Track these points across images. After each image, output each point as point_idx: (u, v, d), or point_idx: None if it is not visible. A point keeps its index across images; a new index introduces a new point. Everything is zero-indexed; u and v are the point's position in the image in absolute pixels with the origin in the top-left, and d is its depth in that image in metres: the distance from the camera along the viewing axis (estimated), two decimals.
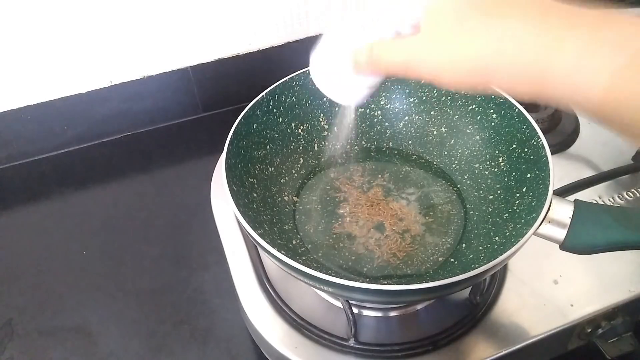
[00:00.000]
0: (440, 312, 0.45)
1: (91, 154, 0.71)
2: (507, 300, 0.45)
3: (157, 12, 0.63)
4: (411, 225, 0.48)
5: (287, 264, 0.36)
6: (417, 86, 0.53)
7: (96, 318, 0.54)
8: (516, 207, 0.44)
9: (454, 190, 0.51)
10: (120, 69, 0.67)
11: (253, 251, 0.49)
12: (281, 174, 0.51)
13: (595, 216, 0.39)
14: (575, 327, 0.44)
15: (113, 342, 0.52)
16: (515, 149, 0.47)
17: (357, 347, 0.42)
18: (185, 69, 0.70)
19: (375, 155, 0.55)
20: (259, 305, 0.46)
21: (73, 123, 0.70)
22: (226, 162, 0.43)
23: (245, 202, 0.44)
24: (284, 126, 0.51)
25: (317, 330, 0.43)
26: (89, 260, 0.59)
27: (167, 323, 0.53)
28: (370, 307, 0.46)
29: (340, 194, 0.51)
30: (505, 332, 0.43)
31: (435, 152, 0.53)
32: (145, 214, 0.64)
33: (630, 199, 0.53)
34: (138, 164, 0.70)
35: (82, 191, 0.67)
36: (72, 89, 0.67)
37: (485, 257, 0.41)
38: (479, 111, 0.50)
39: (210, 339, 0.52)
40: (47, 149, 0.71)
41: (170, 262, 0.58)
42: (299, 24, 0.70)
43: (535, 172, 0.43)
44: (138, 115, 0.72)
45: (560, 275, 0.47)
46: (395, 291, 0.35)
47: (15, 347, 0.52)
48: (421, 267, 0.45)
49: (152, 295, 0.55)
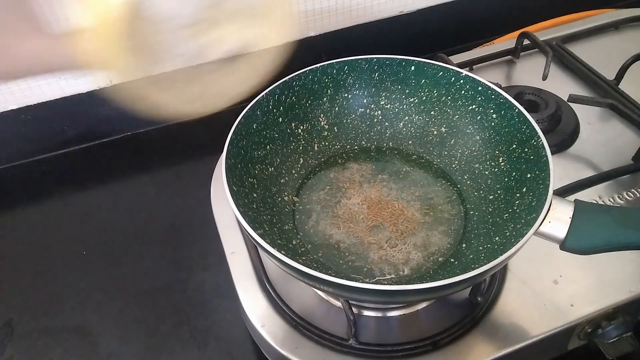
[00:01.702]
0: (441, 312, 0.45)
1: (91, 154, 0.71)
2: (507, 300, 0.45)
3: None
4: (411, 225, 0.48)
5: (287, 264, 0.36)
6: (417, 86, 0.53)
7: (96, 318, 0.54)
8: (516, 207, 0.44)
9: (454, 190, 0.51)
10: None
11: (253, 251, 0.49)
12: (281, 174, 0.51)
13: (595, 216, 0.39)
14: (575, 327, 0.44)
15: (113, 342, 0.52)
16: (515, 149, 0.47)
17: (357, 347, 0.42)
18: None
19: (375, 155, 0.55)
20: (259, 305, 0.46)
21: (73, 123, 0.70)
22: (226, 162, 0.43)
23: (245, 202, 0.44)
24: (284, 126, 0.51)
25: (317, 330, 0.43)
26: (89, 260, 0.59)
27: (167, 323, 0.53)
28: (370, 307, 0.46)
29: (340, 194, 0.51)
30: (505, 332, 0.43)
31: (435, 152, 0.53)
32: (145, 214, 0.64)
33: (630, 199, 0.53)
34: (138, 164, 0.70)
35: (82, 191, 0.67)
36: (72, 89, 0.67)
37: (486, 257, 0.41)
38: (479, 111, 0.50)
39: (210, 339, 0.52)
40: (47, 149, 0.71)
41: (170, 262, 0.58)
42: (298, 25, 0.70)
43: (535, 172, 0.43)
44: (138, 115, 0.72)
45: (560, 275, 0.47)
46: (395, 291, 0.35)
47: (15, 347, 0.52)
48: (421, 267, 0.45)
49: (152, 295, 0.55)
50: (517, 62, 0.71)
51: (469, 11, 0.81)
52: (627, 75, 0.64)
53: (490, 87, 0.49)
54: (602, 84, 0.65)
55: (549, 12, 0.79)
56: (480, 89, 0.50)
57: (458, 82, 0.51)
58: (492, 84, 0.49)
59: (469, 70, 0.68)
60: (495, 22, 0.83)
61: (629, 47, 0.68)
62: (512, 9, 0.83)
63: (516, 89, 0.63)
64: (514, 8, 0.83)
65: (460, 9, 0.80)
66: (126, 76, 0.35)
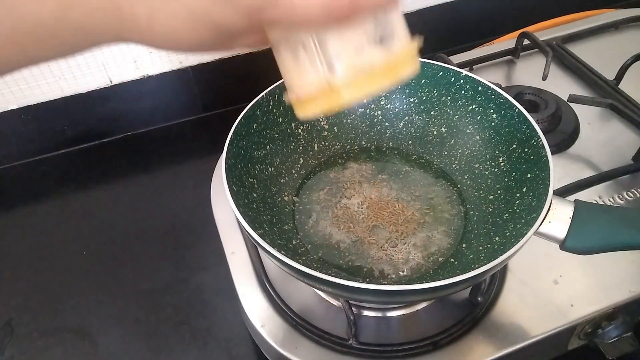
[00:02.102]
0: (441, 312, 0.45)
1: (91, 154, 0.71)
2: (507, 300, 0.45)
3: None
4: (411, 225, 0.48)
5: (287, 264, 0.36)
6: (417, 86, 0.53)
7: (96, 318, 0.54)
8: (516, 207, 0.44)
9: (454, 190, 0.51)
10: (120, 69, 0.67)
11: (253, 251, 0.49)
12: (281, 174, 0.51)
13: (595, 216, 0.39)
14: (575, 327, 0.44)
15: (113, 343, 0.52)
16: (515, 149, 0.47)
17: (357, 347, 0.42)
18: (186, 69, 0.70)
19: (375, 155, 0.55)
20: (259, 305, 0.46)
21: (73, 123, 0.70)
22: (226, 162, 0.43)
23: (245, 202, 0.44)
24: (284, 126, 0.51)
25: (317, 330, 0.43)
26: (89, 260, 0.59)
27: (167, 323, 0.53)
28: (370, 307, 0.46)
29: (340, 194, 0.51)
30: (505, 332, 0.43)
31: (435, 152, 0.53)
32: (145, 214, 0.64)
33: (630, 199, 0.53)
34: (138, 164, 0.70)
35: (82, 191, 0.67)
36: (72, 89, 0.67)
37: (486, 257, 0.41)
38: (479, 111, 0.50)
39: (210, 339, 0.52)
40: (47, 149, 0.71)
41: (170, 262, 0.58)
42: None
43: (535, 172, 0.43)
44: (138, 115, 0.72)
45: (560, 275, 0.47)
46: (395, 291, 0.35)
47: (15, 347, 0.52)
48: (421, 267, 0.45)
49: (152, 295, 0.55)
50: (517, 62, 0.71)
51: (469, 11, 0.81)
52: (627, 75, 0.64)
53: (490, 87, 0.49)
54: (602, 84, 0.65)
55: (549, 12, 0.79)
56: (480, 89, 0.50)
57: (458, 82, 0.51)
58: (492, 84, 0.49)
59: (469, 70, 0.68)
60: (495, 22, 0.83)
61: (629, 47, 0.68)
62: (512, 9, 0.83)
63: (516, 89, 0.63)
64: (514, 8, 0.83)
65: (460, 9, 0.80)
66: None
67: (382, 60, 0.27)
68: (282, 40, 0.28)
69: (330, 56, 0.27)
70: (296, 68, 0.28)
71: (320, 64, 0.27)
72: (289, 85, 0.30)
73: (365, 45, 0.27)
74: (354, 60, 0.27)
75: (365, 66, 0.27)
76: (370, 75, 0.27)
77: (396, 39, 0.28)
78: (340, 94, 0.27)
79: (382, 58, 0.27)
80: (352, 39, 0.26)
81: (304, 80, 0.28)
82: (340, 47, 0.26)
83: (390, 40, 0.27)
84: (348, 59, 0.27)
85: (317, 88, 0.28)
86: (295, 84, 0.29)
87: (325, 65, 0.27)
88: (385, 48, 0.27)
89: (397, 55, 0.28)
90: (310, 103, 0.29)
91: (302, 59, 0.28)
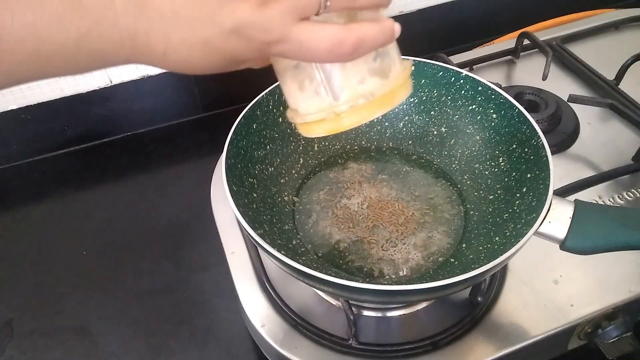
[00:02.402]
0: (441, 312, 0.45)
1: (91, 154, 0.71)
2: (507, 300, 0.45)
3: None
4: (411, 225, 0.48)
5: (287, 264, 0.36)
6: (417, 86, 0.53)
7: (96, 318, 0.54)
8: (516, 207, 0.44)
9: (454, 190, 0.51)
10: (120, 69, 0.67)
11: (253, 251, 0.49)
12: (281, 174, 0.51)
13: (595, 216, 0.39)
14: (575, 327, 0.44)
15: (113, 342, 0.52)
16: (515, 149, 0.47)
17: (357, 347, 0.42)
18: None
19: (375, 155, 0.55)
20: (259, 305, 0.46)
21: (73, 123, 0.70)
22: (226, 162, 0.43)
23: (245, 202, 0.44)
24: (284, 126, 0.51)
25: (317, 330, 0.43)
26: (89, 260, 0.59)
27: (167, 323, 0.53)
28: (370, 307, 0.46)
29: (340, 194, 0.51)
30: (505, 332, 0.43)
31: (435, 152, 0.53)
32: (145, 214, 0.64)
33: (630, 199, 0.53)
34: (138, 164, 0.70)
35: (82, 191, 0.67)
36: (72, 89, 0.67)
37: (486, 257, 0.41)
38: (479, 111, 0.50)
39: (210, 339, 0.52)
40: (47, 149, 0.71)
41: (170, 262, 0.58)
42: None
43: (535, 172, 0.43)
44: (138, 115, 0.72)
45: (560, 275, 0.47)
46: (395, 291, 0.35)
47: (15, 347, 0.52)
48: (421, 267, 0.45)
49: (152, 295, 0.55)
50: (517, 62, 0.71)
51: (469, 11, 0.81)
52: (627, 75, 0.64)
53: (490, 87, 0.49)
54: (602, 84, 0.65)
55: (549, 12, 0.79)
56: (480, 89, 0.50)
57: (458, 82, 0.51)
58: (492, 84, 0.49)
59: (469, 70, 0.68)
60: (495, 22, 0.83)
61: (629, 47, 0.68)
62: (512, 9, 0.83)
63: (516, 89, 0.63)
64: (514, 8, 0.83)
65: (460, 9, 0.80)
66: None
67: (382, 88, 0.30)
68: (287, 69, 0.30)
69: (334, 87, 0.29)
70: (301, 95, 0.31)
71: (326, 93, 0.29)
72: (292, 108, 0.32)
73: (367, 76, 0.29)
74: (356, 90, 0.29)
75: (366, 95, 0.29)
76: (371, 102, 0.30)
77: (393, 67, 0.30)
78: (343, 120, 0.30)
79: (381, 86, 0.30)
80: (354, 71, 0.29)
81: (309, 106, 0.31)
82: (344, 79, 0.29)
83: (388, 70, 0.30)
84: (351, 90, 0.29)
85: (322, 114, 0.30)
86: (300, 107, 0.31)
87: (331, 95, 0.29)
88: (384, 76, 0.30)
89: (394, 81, 0.30)
90: (315, 125, 0.31)
91: (307, 87, 0.30)
